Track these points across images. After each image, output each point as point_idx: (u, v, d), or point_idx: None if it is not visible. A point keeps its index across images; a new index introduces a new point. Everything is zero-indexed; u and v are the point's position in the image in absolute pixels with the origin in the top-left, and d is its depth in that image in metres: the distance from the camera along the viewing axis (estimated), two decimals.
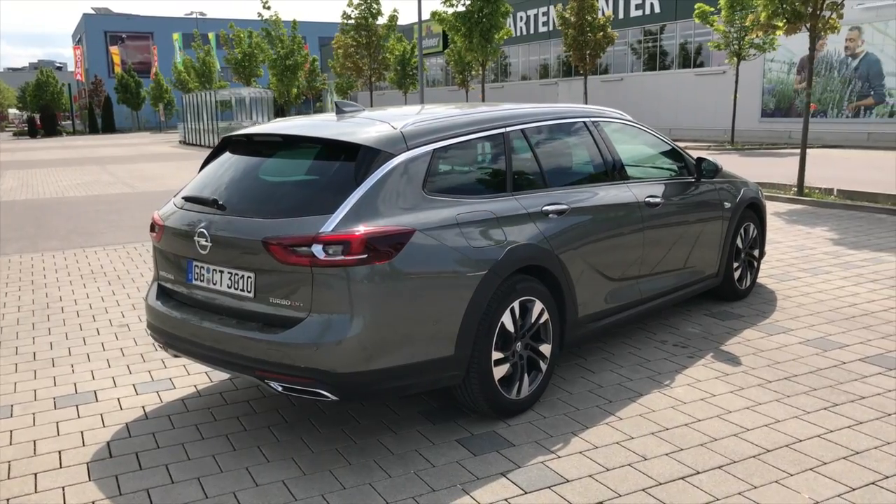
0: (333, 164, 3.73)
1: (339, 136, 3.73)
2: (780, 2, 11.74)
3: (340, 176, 3.61)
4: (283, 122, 4.41)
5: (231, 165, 4.08)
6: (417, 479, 3.40)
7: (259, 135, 4.14)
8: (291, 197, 3.65)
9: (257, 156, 4.10)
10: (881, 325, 5.41)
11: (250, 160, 4.06)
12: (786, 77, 28.95)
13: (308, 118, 4.49)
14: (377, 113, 4.24)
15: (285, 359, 3.40)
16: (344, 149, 3.68)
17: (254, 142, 4.17)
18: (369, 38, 25.05)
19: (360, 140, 3.64)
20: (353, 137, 3.67)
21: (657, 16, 34.66)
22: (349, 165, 3.60)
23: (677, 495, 3.19)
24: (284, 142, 4.02)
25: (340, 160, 3.69)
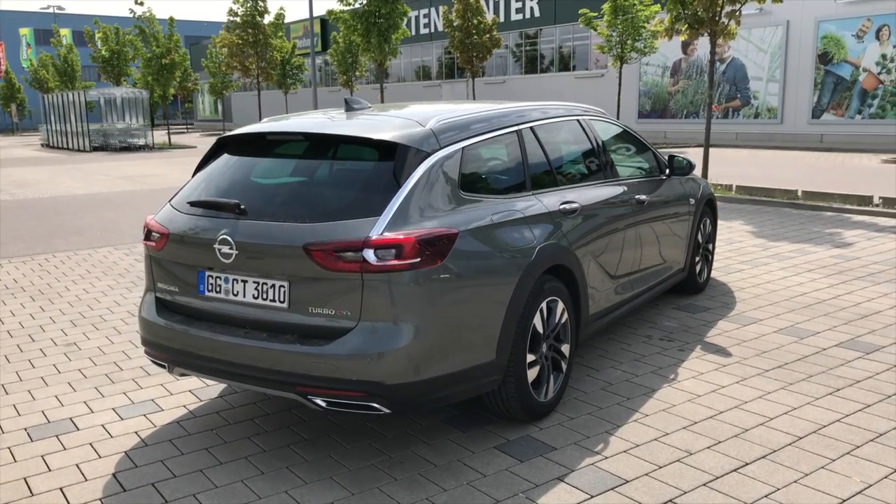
0: (368, 164, 3.53)
1: (371, 133, 3.52)
2: (682, 8, 12.29)
3: (379, 176, 3.41)
4: (285, 120, 4.13)
5: (242, 166, 3.78)
6: (475, 490, 3.27)
7: (275, 133, 3.85)
8: (330, 199, 3.41)
9: (274, 156, 3.83)
10: (838, 312, 5.73)
11: (267, 161, 3.78)
12: (660, 80, 30.45)
13: (313, 115, 4.23)
14: (393, 110, 4.05)
15: (334, 372, 3.18)
16: (378, 147, 3.48)
17: (268, 141, 3.89)
18: (256, 37, 24.26)
19: (395, 138, 3.45)
20: (389, 135, 3.48)
21: (537, 20, 35.58)
22: (386, 165, 3.41)
23: (738, 488, 3.23)
24: (307, 140, 3.76)
25: (375, 159, 3.49)
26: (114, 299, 6.65)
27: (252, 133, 3.88)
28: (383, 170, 3.41)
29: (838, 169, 17.51)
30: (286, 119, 4.12)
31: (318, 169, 3.70)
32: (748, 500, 3.13)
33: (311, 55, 23.68)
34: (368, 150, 3.53)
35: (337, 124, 3.79)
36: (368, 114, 3.94)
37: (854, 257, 7.63)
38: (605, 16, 24.46)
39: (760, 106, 27.34)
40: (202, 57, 45.99)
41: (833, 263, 7.36)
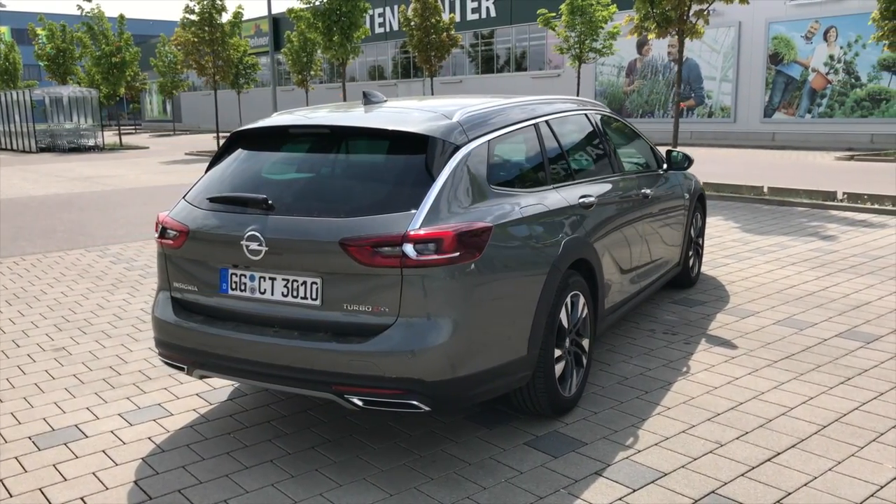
0: (399, 157, 3.45)
1: (401, 126, 3.44)
2: (651, 7, 12.46)
3: (411, 169, 3.34)
4: (300, 114, 4.01)
5: (262, 161, 3.67)
6: (515, 487, 3.22)
7: (299, 127, 3.74)
8: (363, 193, 3.32)
9: (296, 150, 3.72)
10: (830, 304, 5.84)
11: (289, 155, 3.68)
12: (616, 80, 30.86)
13: (331, 109, 4.12)
14: (412, 103, 3.98)
15: (373, 370, 3.10)
16: (409, 140, 3.40)
17: (290, 135, 3.77)
18: (213, 35, 23.80)
19: (427, 131, 3.38)
20: (419, 128, 3.40)
21: (493, 20, 35.71)
22: (417, 158, 3.34)
23: (776, 477, 3.25)
24: (333, 134, 3.65)
25: (406, 152, 3.42)
26: (96, 302, 6.42)
27: (272, 127, 3.77)
28: (415, 163, 3.34)
29: (795, 166, 17.95)
30: (301, 113, 4.01)
31: (346, 163, 3.60)
32: (788, 488, 3.15)
33: (271, 54, 23.32)
34: (398, 144, 3.45)
35: (361, 117, 3.70)
36: (389, 107, 3.86)
37: (832, 250, 7.80)
38: (563, 16, 24.67)
39: (714, 105, 27.90)
40: (150, 56, 44.97)
41: (814, 257, 7.52)
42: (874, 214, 10.11)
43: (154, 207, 12.38)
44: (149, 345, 5.24)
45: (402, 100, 4.24)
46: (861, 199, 11.04)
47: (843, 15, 24.29)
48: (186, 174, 18.67)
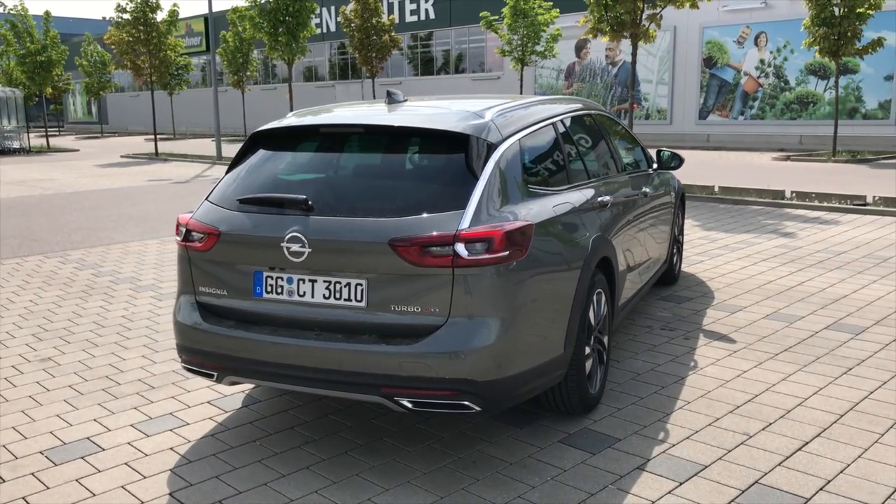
0: (439, 156, 3.42)
1: (439, 125, 3.41)
2: (605, 11, 12.69)
3: (453, 168, 3.31)
4: (326, 113, 3.92)
5: (290, 161, 3.58)
6: (563, 485, 3.24)
7: (329, 126, 3.66)
8: (408, 192, 3.28)
9: (328, 150, 3.64)
10: (810, 298, 6.06)
11: (321, 155, 3.59)
12: (555, 82, 31.31)
13: (358, 107, 4.04)
14: (437, 102, 3.95)
15: (425, 371, 3.06)
16: (448, 139, 3.37)
17: (319, 135, 3.69)
18: (148, 34, 23.09)
19: (466, 129, 3.36)
20: (458, 126, 3.38)
21: (432, 21, 35.76)
22: (458, 157, 3.32)
23: (812, 465, 3.34)
24: (367, 133, 3.59)
25: (445, 151, 3.39)
26: (71, 310, 6.16)
27: (300, 126, 3.68)
28: (456, 162, 3.32)
29: (735, 166, 18.54)
30: (325, 112, 3.93)
31: (384, 162, 3.55)
32: (826, 476, 3.25)
33: (212, 53, 22.69)
34: (436, 143, 3.42)
35: (392, 117, 3.65)
36: (416, 106, 3.82)
37: (796, 246, 8.09)
38: (505, 19, 24.91)
39: (651, 107, 28.60)
40: (75, 55, 43.38)
41: (781, 253, 7.78)
42: (826, 212, 10.53)
43: (106, 212, 11.96)
44: (142, 353, 5.05)
45: (422, 100, 4.20)
46: (809, 197, 11.50)
47: (772, 21, 25.24)
48: (129, 177, 18.08)
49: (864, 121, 23.68)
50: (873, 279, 6.59)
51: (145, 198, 13.72)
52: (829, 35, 18.13)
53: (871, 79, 23.54)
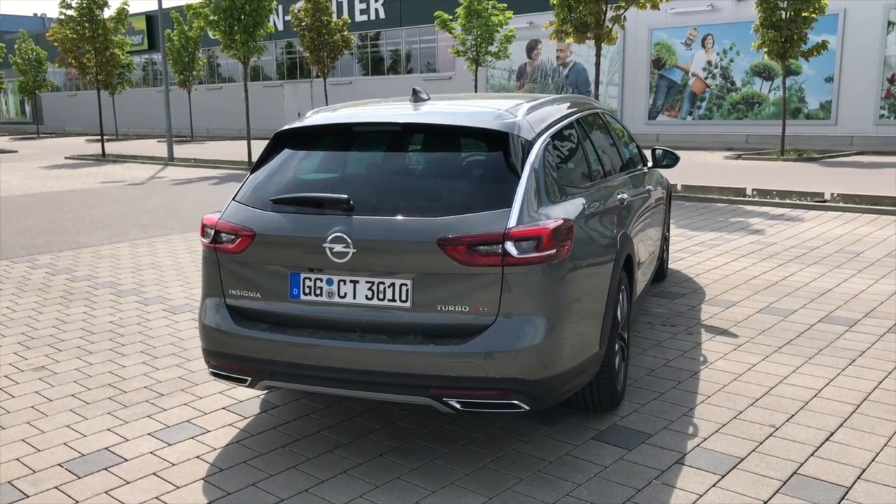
0: (476, 155, 3.39)
1: (477, 123, 3.39)
2: (569, 12, 12.82)
3: (493, 166, 3.29)
4: (349, 111, 3.85)
5: (323, 160, 3.51)
6: (608, 482, 3.25)
7: (363, 124, 3.59)
8: (451, 191, 3.24)
9: (363, 149, 3.57)
10: (797, 292, 6.22)
11: (358, 154, 3.53)
12: (507, 83, 31.50)
13: (375, 105, 3.97)
14: (464, 101, 3.93)
15: (475, 371, 3.04)
16: (486, 137, 3.35)
17: (353, 133, 3.62)
18: (94, 32, 22.37)
19: (504, 127, 3.34)
20: (496, 124, 3.36)
21: (382, 21, 35.59)
22: (496, 154, 3.30)
23: (843, 454, 3.43)
24: (403, 131, 3.53)
25: (483, 149, 3.37)
26: (54, 317, 5.93)
27: (331, 125, 3.61)
28: (495, 160, 3.30)
29: (689, 165, 18.81)
30: (348, 110, 3.85)
31: (422, 161, 3.51)
32: (860, 464, 3.34)
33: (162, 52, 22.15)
34: (474, 141, 3.40)
35: (427, 115, 3.60)
36: (444, 104, 3.79)
37: (770, 242, 8.30)
38: (459, 19, 24.98)
39: None
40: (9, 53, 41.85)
41: (757, 249, 7.98)
42: (788, 209, 10.83)
43: (65, 215, 11.55)
44: (141, 359, 4.89)
45: (447, 98, 4.17)
46: (770, 194, 11.82)
47: (718, 23, 25.87)
48: (79, 179, 17.50)
49: (807, 121, 24.46)
50: (851, 273, 6.80)
51: (103, 200, 13.30)
52: (777, 38, 18.66)
53: (812, 80, 24.34)
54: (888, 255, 7.50)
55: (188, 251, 8.43)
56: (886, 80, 23.14)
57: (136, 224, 10.46)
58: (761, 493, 3.13)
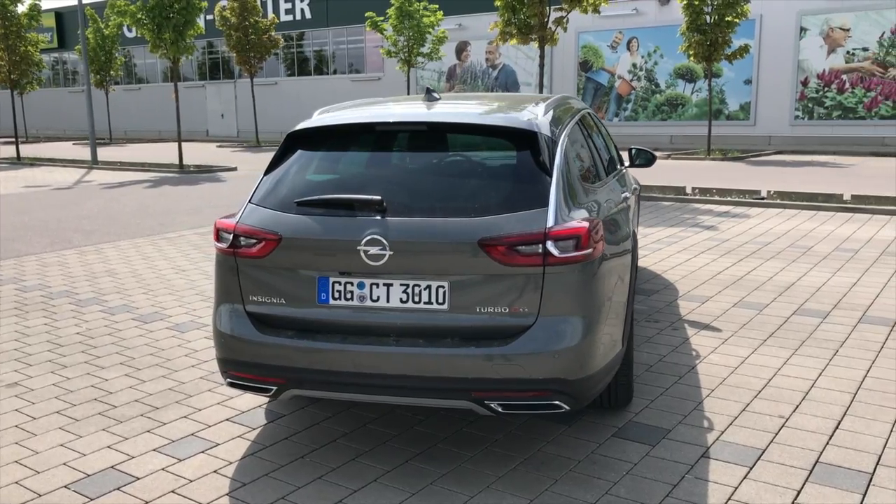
0: (505, 154, 3.36)
1: (505, 122, 3.35)
2: (513, 14, 12.93)
3: (523, 165, 3.26)
4: (364, 109, 3.74)
5: (346, 161, 3.41)
6: (642, 478, 3.27)
7: (387, 123, 3.49)
8: (486, 191, 3.19)
9: (385, 148, 3.48)
10: (763, 286, 6.42)
11: (381, 154, 3.44)
12: (436, 84, 31.54)
13: (389, 104, 3.88)
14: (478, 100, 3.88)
15: (518, 373, 3.00)
16: (514, 136, 3.32)
17: (374, 132, 3.52)
18: (7, 28, 21.22)
19: (531, 126, 3.32)
20: (519, 123, 3.33)
21: (308, 21, 35.12)
22: (525, 154, 3.27)
23: (856, 442, 3.55)
24: (430, 130, 3.45)
25: (511, 148, 3.33)
26: (13, 329, 5.58)
27: (350, 125, 3.50)
28: (525, 159, 3.27)
29: None
30: (362, 110, 3.75)
31: (450, 160, 3.45)
32: (874, 450, 3.46)
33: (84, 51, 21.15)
34: (501, 140, 3.37)
35: (450, 113, 3.54)
36: (460, 103, 3.74)
37: (724, 239, 8.57)
38: (390, 20, 24.90)
39: None
40: None
41: (714, 245, 8.22)
42: (732, 206, 11.20)
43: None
44: (124, 372, 4.66)
45: (456, 97, 4.12)
46: (710, 192, 12.21)
47: (643, 27, 26.60)
48: (8, 182, 16.60)
49: (728, 121, 25.41)
50: (808, 267, 7.08)
51: (32, 206, 12.63)
52: (703, 41, 19.32)
53: (732, 83, 25.30)
54: (837, 250, 7.84)
55: (142, 257, 8.09)
56: (800, 83, 24.27)
57: (77, 230, 9.97)
58: (792, 482, 3.20)
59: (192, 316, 5.82)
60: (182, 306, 6.10)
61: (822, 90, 23.86)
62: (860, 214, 10.13)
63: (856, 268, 7.01)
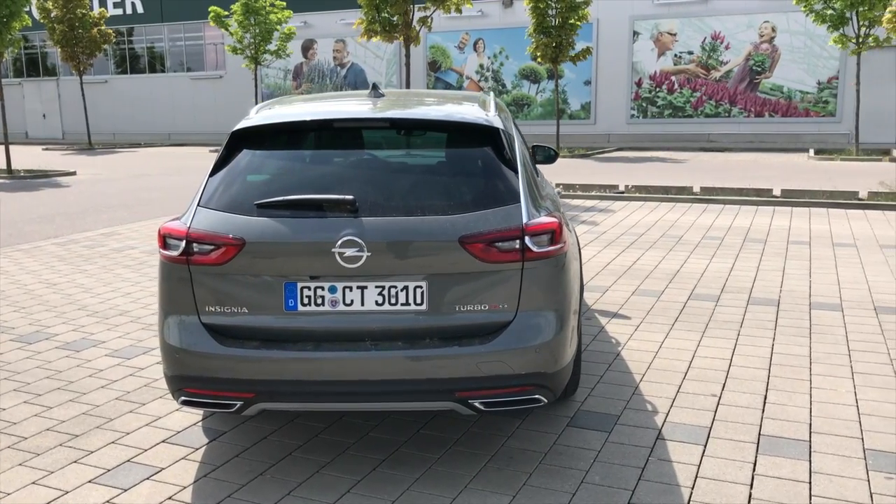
0: (468, 150, 3.31)
1: (465, 118, 3.31)
2: (377, 12, 12.86)
3: (488, 161, 3.23)
4: (309, 105, 3.56)
5: (303, 160, 3.23)
6: (611, 464, 3.35)
7: (347, 120, 3.33)
8: (458, 188, 3.13)
9: (344, 146, 3.33)
10: (652, 274, 6.78)
11: (340, 151, 3.28)
12: (283, 83, 30.84)
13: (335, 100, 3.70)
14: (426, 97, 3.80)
15: (503, 369, 2.99)
16: (474, 132, 3.29)
17: (333, 129, 3.34)
18: None
19: (488, 122, 3.31)
20: (480, 119, 3.32)
21: (140, 16, 33.19)
22: (487, 150, 3.25)
23: (785, 413, 3.82)
24: (392, 127, 3.33)
25: (471, 145, 3.29)
26: None
27: (306, 122, 3.31)
28: (489, 155, 3.25)
29: None
30: (308, 106, 3.57)
31: (415, 157, 3.35)
32: (803, 420, 3.75)
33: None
34: (462, 136, 3.33)
35: (410, 110, 3.45)
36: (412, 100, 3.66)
37: (601, 231, 8.98)
38: (235, 16, 24.07)
39: None
40: None
41: (594, 238, 8.59)
42: (597, 200, 11.75)
43: None
44: (22, 399, 4.19)
45: (401, 93, 4.02)
46: (574, 188, 12.75)
47: (488, 28, 27.32)
48: None
49: (571, 120, 26.64)
50: (685, 255, 7.56)
51: None
52: (549, 44, 20.13)
53: (574, 83, 26.55)
54: (704, 238, 8.43)
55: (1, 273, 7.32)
56: (635, 84, 25.88)
57: None
58: (746, 456, 3.41)
59: (83, 333, 5.33)
60: (67, 323, 5.57)
61: (655, 90, 25.57)
62: (713, 205, 10.95)
63: (727, 254, 7.57)
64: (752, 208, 10.62)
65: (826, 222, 9.40)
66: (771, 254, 7.58)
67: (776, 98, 24.18)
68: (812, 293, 6.07)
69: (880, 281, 6.43)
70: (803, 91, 23.85)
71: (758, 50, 24.17)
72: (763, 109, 24.33)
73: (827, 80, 23.57)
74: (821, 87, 23.66)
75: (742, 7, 24.04)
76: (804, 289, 6.21)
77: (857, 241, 8.16)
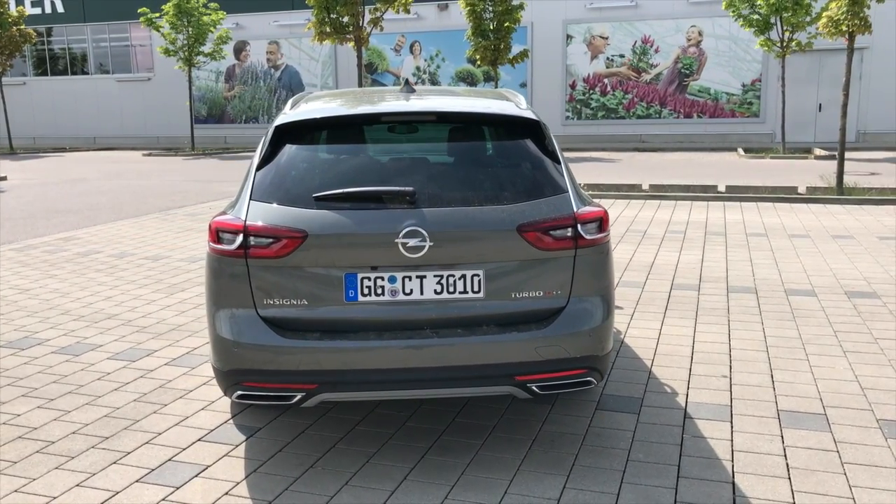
0: (514, 143, 3.40)
1: (509, 111, 3.41)
2: (327, 13, 12.81)
3: (534, 153, 3.34)
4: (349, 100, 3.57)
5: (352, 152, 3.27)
6: (650, 443, 3.49)
7: (394, 114, 3.37)
8: (511, 179, 3.21)
9: (390, 140, 3.38)
10: (631, 266, 7.02)
11: (388, 146, 3.33)
12: (214, 85, 30.23)
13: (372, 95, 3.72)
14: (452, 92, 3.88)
15: (560, 353, 3.10)
16: (516, 125, 3.39)
17: (381, 123, 3.38)
18: None
19: (532, 115, 3.42)
20: (524, 113, 3.42)
21: (60, 16, 31.96)
22: (531, 143, 3.36)
23: (795, 389, 4.05)
24: (439, 121, 3.38)
25: (516, 137, 3.39)
26: None
27: (354, 115, 3.35)
28: (533, 147, 3.35)
29: None
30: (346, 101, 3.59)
31: (463, 150, 3.42)
32: (814, 396, 3.98)
33: None
34: (507, 129, 3.43)
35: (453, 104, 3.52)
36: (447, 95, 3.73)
37: None
38: (167, 17, 23.51)
39: None
40: None
41: None
42: None
43: None
44: (36, 404, 4.07)
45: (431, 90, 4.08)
46: None
47: (424, 31, 27.44)
48: None
49: None
50: (655, 248, 7.84)
51: None
52: (489, 46, 20.39)
53: (510, 86, 26.87)
54: (668, 232, 8.75)
55: None
56: (569, 86, 26.44)
57: None
58: (772, 430, 3.61)
59: (76, 338, 5.18)
60: (56, 328, 5.40)
61: (588, 93, 26.18)
62: (665, 201, 11.34)
63: (693, 247, 7.88)
64: (703, 204, 11.05)
65: (776, 216, 9.88)
66: (734, 245, 7.93)
67: (704, 99, 25.12)
68: (784, 280, 6.40)
69: (843, 268, 6.82)
70: (729, 93, 24.84)
71: (686, 53, 25.05)
72: (692, 110, 25.23)
73: (751, 82, 24.62)
74: (745, 88, 24.70)
75: (670, 12, 24.88)
76: (776, 277, 6.54)
77: (810, 233, 8.61)
